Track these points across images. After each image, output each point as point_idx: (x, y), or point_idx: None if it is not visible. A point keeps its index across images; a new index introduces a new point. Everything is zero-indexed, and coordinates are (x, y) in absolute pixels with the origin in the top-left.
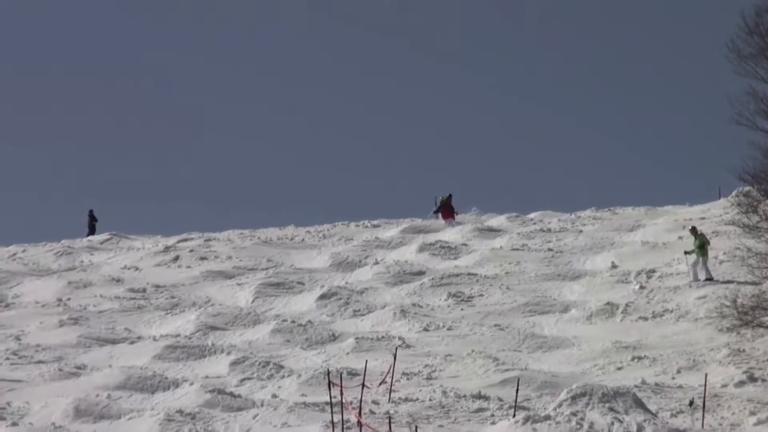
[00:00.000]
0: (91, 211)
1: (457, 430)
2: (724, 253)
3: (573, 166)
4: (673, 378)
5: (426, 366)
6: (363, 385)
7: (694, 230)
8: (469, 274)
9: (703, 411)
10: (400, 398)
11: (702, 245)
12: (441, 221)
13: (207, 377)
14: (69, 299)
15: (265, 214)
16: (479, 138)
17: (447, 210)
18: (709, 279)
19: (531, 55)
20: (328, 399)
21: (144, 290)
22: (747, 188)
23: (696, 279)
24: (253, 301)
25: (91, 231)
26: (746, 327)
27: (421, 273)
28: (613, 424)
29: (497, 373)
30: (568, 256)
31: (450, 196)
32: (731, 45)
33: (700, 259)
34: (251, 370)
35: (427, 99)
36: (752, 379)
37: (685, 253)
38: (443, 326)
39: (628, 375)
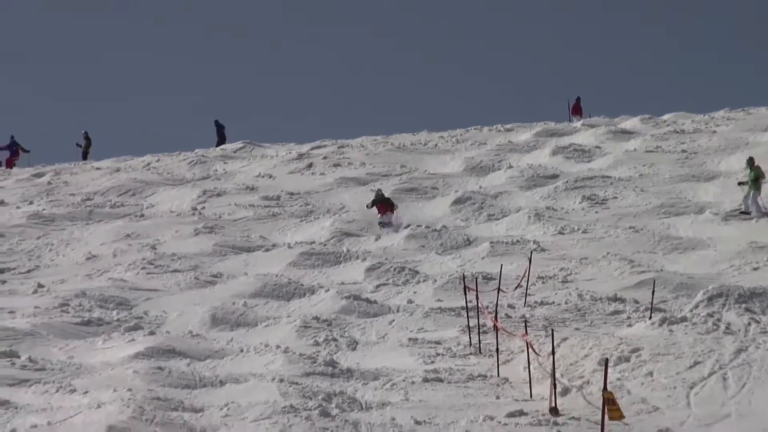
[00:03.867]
0: (216, 121)
1: (594, 332)
2: None
3: (706, 67)
4: None
5: (561, 269)
6: (498, 289)
7: (751, 161)
8: (603, 176)
9: None
10: (535, 302)
11: (756, 178)
12: (378, 215)
13: (342, 283)
14: (203, 208)
15: (398, 120)
16: (610, 39)
17: (383, 205)
18: (746, 213)
19: None
20: (463, 304)
21: (278, 198)
22: None
23: (747, 211)
24: None
25: (221, 140)
26: None
27: (554, 176)
28: (749, 324)
29: (633, 275)
30: (703, 157)
31: (380, 191)
32: None
33: (752, 192)
34: (386, 276)
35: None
36: None
37: (739, 183)
38: (578, 229)
39: (764, 275)
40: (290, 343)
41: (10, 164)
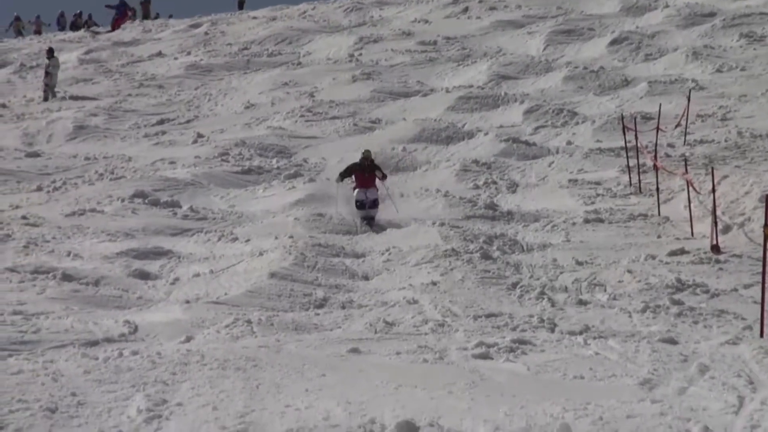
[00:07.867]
0: None
1: (754, 169)
2: None
3: None
4: None
5: (720, 107)
6: (657, 128)
7: None
8: (760, 13)
9: None
10: (695, 140)
11: None
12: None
13: (501, 126)
14: (360, 54)
15: None
16: None
17: (362, 174)
18: None
19: None
20: (622, 144)
21: (435, 43)
22: None
23: None
24: (544, 49)
25: None
26: None
27: (712, 14)
28: None
29: None
30: None
31: (368, 153)
32: None
33: None
34: (545, 118)
35: None
36: None
37: None
38: (736, 67)
39: None
40: (450, 186)
41: (117, 25)
